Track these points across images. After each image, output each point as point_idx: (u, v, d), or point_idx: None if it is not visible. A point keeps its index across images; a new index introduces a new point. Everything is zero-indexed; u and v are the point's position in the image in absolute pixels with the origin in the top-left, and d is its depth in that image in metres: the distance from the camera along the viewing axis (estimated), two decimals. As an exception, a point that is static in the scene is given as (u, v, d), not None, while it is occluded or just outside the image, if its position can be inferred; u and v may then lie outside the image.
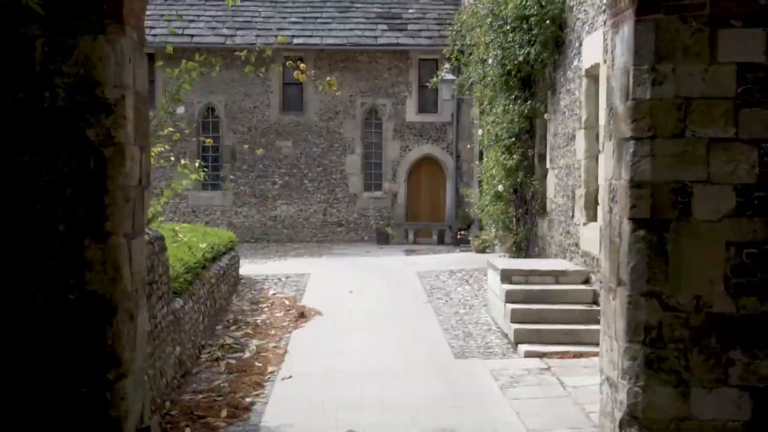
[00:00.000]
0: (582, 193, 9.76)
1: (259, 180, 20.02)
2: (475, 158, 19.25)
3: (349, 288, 12.20)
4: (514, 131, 12.04)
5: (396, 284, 12.65)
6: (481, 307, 10.74)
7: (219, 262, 10.73)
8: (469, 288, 12.04)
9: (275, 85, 19.98)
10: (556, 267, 9.74)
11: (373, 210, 20.22)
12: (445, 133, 20.28)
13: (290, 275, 13.35)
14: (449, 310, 10.56)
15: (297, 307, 10.63)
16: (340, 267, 14.76)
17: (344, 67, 20.01)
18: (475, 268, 13.78)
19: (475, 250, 16.25)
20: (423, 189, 20.64)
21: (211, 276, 9.55)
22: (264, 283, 12.64)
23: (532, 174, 12.36)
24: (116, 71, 4.55)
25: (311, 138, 20.06)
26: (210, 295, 9.28)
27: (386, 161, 20.30)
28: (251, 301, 11.16)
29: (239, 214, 20.02)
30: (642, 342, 4.76)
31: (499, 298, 9.55)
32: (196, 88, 19.35)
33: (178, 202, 19.82)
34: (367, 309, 10.71)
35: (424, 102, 20.46)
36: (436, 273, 13.53)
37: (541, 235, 11.95)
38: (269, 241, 19.97)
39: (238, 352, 8.32)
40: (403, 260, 15.92)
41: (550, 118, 11.33)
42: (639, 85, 4.79)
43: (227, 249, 11.92)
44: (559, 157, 10.93)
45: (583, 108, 9.70)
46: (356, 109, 20.11)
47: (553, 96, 11.19)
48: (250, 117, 19.95)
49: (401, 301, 11.25)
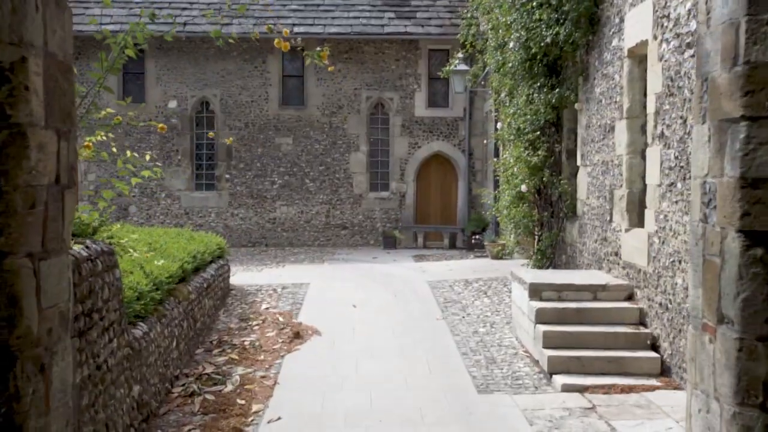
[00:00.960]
0: (623, 193, 8.36)
1: (257, 179, 18.66)
2: (489, 156, 17.85)
3: (352, 301, 10.84)
4: (539, 124, 10.64)
5: (405, 296, 11.27)
6: (504, 324, 9.34)
7: (203, 272, 9.38)
8: (488, 301, 10.64)
9: (274, 77, 18.62)
10: (593, 280, 8.34)
11: (380, 212, 18.84)
12: (456, 128, 18.88)
13: (287, 285, 11.98)
14: (467, 329, 9.17)
15: (292, 325, 9.26)
16: (343, 275, 13.39)
17: (348, 58, 18.64)
18: (493, 277, 12.39)
19: (492, 256, 14.85)
20: (433, 189, 19.25)
21: (190, 291, 8.19)
22: (257, 294, 11.27)
23: (559, 172, 10.97)
24: (12, 22, 3.18)
25: (313, 134, 18.69)
26: (189, 314, 7.91)
27: (393, 159, 18.92)
28: (240, 317, 9.79)
29: (235, 216, 18.66)
30: (761, 407, 3.37)
31: (526, 316, 8.16)
32: (190, 82, 18.07)
33: (170, 203, 18.49)
34: (372, 327, 9.33)
35: (434, 95, 19.06)
36: (450, 283, 12.14)
37: (570, 241, 10.55)
38: (267, 245, 18.61)
39: (219, 385, 6.96)
40: (412, 267, 14.53)
41: (582, 108, 9.92)
42: (755, 43, 3.40)
43: (215, 257, 10.57)
44: (592, 153, 9.52)
45: (625, 94, 8.30)
46: (361, 103, 18.73)
47: (585, 82, 9.79)
48: (247, 112, 18.59)
49: (412, 318, 9.87)
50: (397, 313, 10.10)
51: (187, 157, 18.57)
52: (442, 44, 18.68)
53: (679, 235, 6.79)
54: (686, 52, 6.66)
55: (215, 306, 9.79)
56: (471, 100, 18.66)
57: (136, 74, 18.42)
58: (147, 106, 18.34)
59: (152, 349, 6.15)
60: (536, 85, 10.70)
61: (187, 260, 8.61)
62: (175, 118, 18.45)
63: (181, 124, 18.41)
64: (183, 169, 18.54)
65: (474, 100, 18.77)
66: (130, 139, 18.36)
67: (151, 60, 18.35)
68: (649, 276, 7.55)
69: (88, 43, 18.02)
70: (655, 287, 7.39)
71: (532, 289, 8.11)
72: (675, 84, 6.90)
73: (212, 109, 18.61)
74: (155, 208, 18.49)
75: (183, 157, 18.54)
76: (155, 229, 12.07)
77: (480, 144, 18.81)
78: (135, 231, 11.90)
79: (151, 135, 18.42)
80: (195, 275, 8.96)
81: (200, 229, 17.78)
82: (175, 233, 11.29)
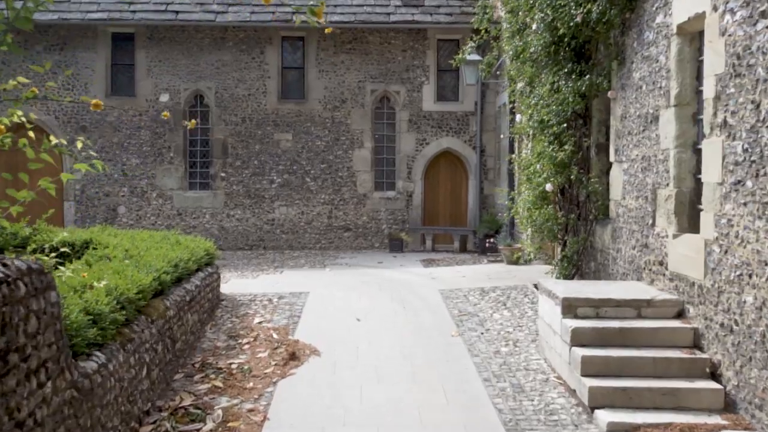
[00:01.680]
0: (670, 193, 7.21)
1: (255, 178, 17.52)
2: (502, 153, 16.71)
3: (356, 313, 9.71)
4: (566, 115, 9.49)
5: (415, 307, 10.12)
6: (529, 343, 8.19)
7: (187, 283, 8.25)
8: (509, 314, 9.49)
9: (273, 69, 17.47)
10: (635, 294, 7.17)
11: (385, 212, 17.69)
12: (467, 124, 17.71)
13: (284, 295, 10.84)
14: (487, 348, 8.02)
15: (287, 343, 8.12)
16: (346, 282, 12.25)
17: (352, 48, 17.49)
18: (511, 285, 11.24)
19: (507, 261, 13.70)
20: (442, 188, 18.10)
21: (168, 306, 7.06)
22: (250, 306, 10.14)
23: (587, 169, 9.82)
24: None
25: (314, 130, 17.54)
26: (165, 334, 6.79)
27: (400, 156, 17.77)
28: (230, 333, 8.65)
29: (231, 217, 17.52)
30: None
31: (558, 336, 7.01)
32: (183, 74, 16.96)
33: (162, 203, 17.36)
34: (379, 345, 8.19)
35: (443, 89, 17.90)
36: (464, 292, 10.99)
37: (600, 247, 9.39)
38: (266, 248, 17.47)
39: (197, 422, 5.83)
40: (421, 273, 13.38)
41: (616, 97, 8.76)
42: None
43: (203, 264, 9.45)
44: (629, 147, 8.36)
45: (673, 78, 7.14)
46: (366, 96, 17.58)
47: (620, 67, 8.63)
48: (244, 106, 17.44)
49: (423, 333, 8.72)
50: (407, 328, 8.96)
51: (180, 155, 17.43)
52: (452, 34, 17.53)
53: (749, 244, 5.63)
54: (759, 23, 5.50)
55: (201, 321, 8.66)
56: (482, 93, 17.51)
57: (126, 66, 17.30)
58: (137, 100, 17.23)
59: (111, 384, 5.01)
60: (562, 72, 9.55)
61: (167, 270, 7.49)
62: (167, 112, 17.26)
63: (174, 118, 17.28)
64: (175, 167, 17.41)
65: (486, 93, 17.62)
66: (118, 135, 17.24)
67: (141, 51, 17.22)
68: (706, 291, 6.39)
69: (74, 32, 16.91)
70: (714, 304, 6.23)
71: (565, 304, 6.95)
72: (743, 62, 5.74)
73: (207, 103, 17.48)
74: (146, 208, 17.36)
75: (175, 155, 17.41)
76: (139, 232, 10.96)
77: (492, 140, 17.65)
78: (117, 234, 10.88)
79: (141, 131, 17.29)
80: (176, 287, 7.83)
81: (194, 231, 16.70)
82: (161, 237, 10.23)
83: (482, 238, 15.81)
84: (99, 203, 17.25)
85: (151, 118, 17.27)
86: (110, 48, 17.21)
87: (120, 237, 10.23)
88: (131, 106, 17.22)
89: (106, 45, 17.12)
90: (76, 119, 17.11)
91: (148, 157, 17.33)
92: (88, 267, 7.11)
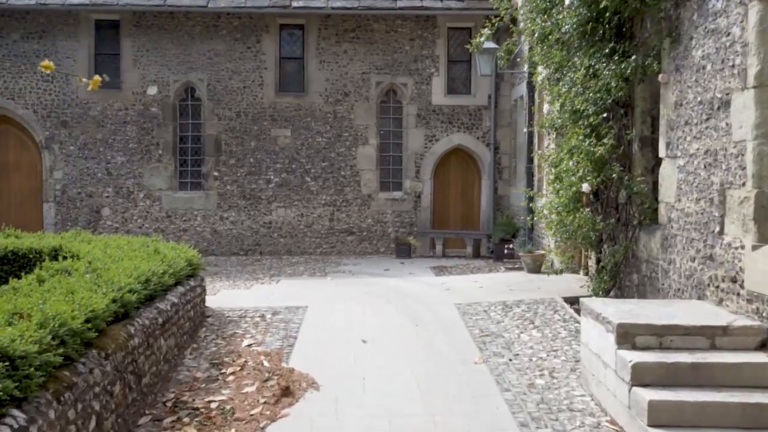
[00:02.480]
0: (747, 195, 5.88)
1: (250, 177, 16.21)
2: (518, 150, 15.42)
3: (361, 332, 8.39)
4: (605, 104, 8.17)
5: (429, 325, 8.80)
6: (569, 373, 6.87)
7: (161, 302, 6.94)
8: (539, 335, 8.16)
9: (270, 59, 16.16)
10: (704, 318, 5.85)
11: (391, 214, 16.37)
12: (479, 119, 16.39)
13: (279, 310, 9.53)
14: (519, 380, 6.70)
15: (281, 374, 6.81)
16: (349, 293, 10.93)
17: (355, 37, 16.17)
18: (537, 299, 9.92)
19: (528, 270, 12.38)
20: (453, 188, 16.79)
21: (132, 333, 5.74)
22: (240, 323, 8.82)
23: (628, 166, 8.49)
24: None
25: (314, 125, 16.23)
26: (126, 370, 5.48)
27: (407, 154, 16.45)
28: (213, 359, 7.33)
29: (225, 220, 16.21)
30: None
31: (611, 371, 5.69)
32: (173, 64, 15.66)
33: (150, 205, 16.06)
34: (389, 376, 6.87)
35: (454, 81, 16.59)
36: (485, 306, 9.67)
37: (646, 257, 8.06)
38: (262, 253, 16.15)
39: (158, 490, 4.51)
40: (432, 282, 12.05)
41: (669, 81, 7.43)
42: None
43: (183, 277, 8.14)
44: (687, 140, 7.04)
45: (753, 54, 5.81)
46: (370, 89, 16.26)
47: (675, 45, 7.29)
48: (238, 99, 16.13)
49: (441, 359, 7.40)
50: (421, 353, 7.63)
51: (170, 152, 16.12)
52: (464, 21, 16.22)
53: None
54: None
55: (179, 345, 7.35)
56: (497, 86, 16.20)
57: (111, 56, 16.00)
58: (123, 93, 15.94)
59: (33, 454, 3.70)
60: (601, 54, 8.23)
61: (133, 287, 6.19)
62: (155, 106, 16.01)
63: (163, 113, 15.99)
64: (164, 166, 16.10)
65: (500, 86, 16.30)
66: (102, 131, 15.94)
67: (127, 39, 15.91)
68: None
69: (54, 18, 15.61)
70: (817, 336, 4.91)
71: (621, 332, 5.63)
72: None
73: (198, 96, 16.17)
74: (132, 210, 16.04)
75: (164, 152, 16.10)
76: (117, 238, 9.73)
77: (507, 136, 16.33)
78: (91, 240, 9.71)
79: (127, 126, 15.98)
80: (147, 307, 6.53)
81: (184, 235, 15.44)
82: (140, 244, 9.03)
83: (498, 243, 14.49)
84: (81, 204, 15.94)
85: (137, 112, 15.97)
86: (93, 36, 15.92)
87: (94, 244, 9.05)
88: (116, 99, 15.92)
89: (88, 33, 15.82)
90: (56, 114, 15.80)
91: (134, 154, 16.03)
92: (38, 284, 5.84)
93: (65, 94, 15.79)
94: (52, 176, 15.80)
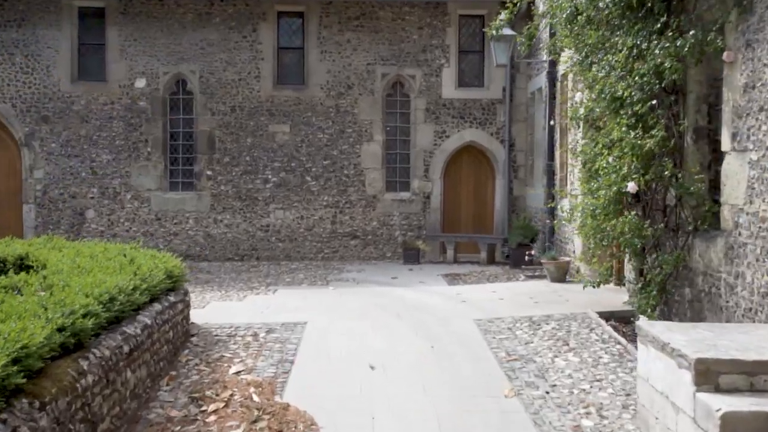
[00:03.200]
0: None
1: (246, 177, 15.04)
2: (536, 146, 14.27)
3: (368, 355, 7.22)
4: (654, 89, 6.99)
5: (446, 347, 7.62)
6: (621, 411, 5.69)
7: (129, 325, 5.77)
8: (576, 359, 6.98)
9: (267, 49, 14.99)
10: (801, 350, 4.66)
11: (398, 217, 15.20)
12: (493, 113, 15.22)
13: (274, 327, 8.36)
14: (562, 421, 5.52)
15: (273, 411, 5.64)
16: (354, 306, 9.76)
17: (359, 25, 15.01)
18: (567, 314, 8.75)
19: (552, 279, 11.20)
20: (464, 188, 15.61)
21: (86, 369, 4.58)
22: (228, 344, 7.66)
23: (679, 162, 7.30)
24: None
25: (315, 121, 15.06)
26: (76, 416, 4.31)
27: (415, 152, 15.28)
28: (193, 391, 6.16)
29: (219, 223, 15.04)
30: None
31: (687, 418, 4.50)
32: (162, 55, 14.50)
33: (138, 206, 14.91)
34: (403, 413, 5.70)
35: (466, 72, 15.44)
36: (508, 323, 8.49)
37: (702, 268, 6.88)
38: (259, 259, 14.99)
39: None
40: (446, 293, 10.87)
41: (736, 59, 6.24)
42: None
43: (160, 293, 6.97)
44: (763, 129, 5.85)
45: None
46: (376, 81, 15.09)
47: (744, 17, 6.10)
48: (233, 93, 14.98)
49: (464, 391, 6.22)
50: (441, 382, 6.45)
51: (159, 149, 14.97)
52: (477, 8, 15.06)
53: None
54: None
55: (154, 374, 6.18)
56: (512, 78, 15.02)
57: (95, 46, 14.86)
58: (108, 86, 14.79)
59: None
60: (648, 32, 7.04)
61: (92, 310, 5.03)
62: (143, 100, 14.85)
63: (152, 107, 14.85)
64: (153, 164, 14.94)
65: (516, 78, 15.12)
66: (87, 127, 14.80)
67: (113, 28, 14.76)
68: None
69: (34, 6, 14.45)
70: None
71: (701, 369, 4.44)
72: None
73: (190, 89, 15.01)
74: (119, 212, 14.88)
75: (154, 149, 14.95)
76: (92, 245, 8.62)
77: (523, 132, 15.16)
78: (63, 247, 8.67)
79: (113, 121, 14.83)
80: (110, 333, 5.36)
81: (175, 239, 14.32)
82: (117, 252, 8.02)
83: (516, 248, 13.29)
84: (64, 206, 14.78)
85: (124, 106, 14.82)
86: (76, 25, 14.79)
87: (65, 251, 8.00)
88: (102, 92, 14.77)
89: (71, 21, 14.67)
90: (36, 108, 14.65)
91: (121, 152, 14.87)
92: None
93: (46, 86, 14.64)
94: (32, 176, 14.64)
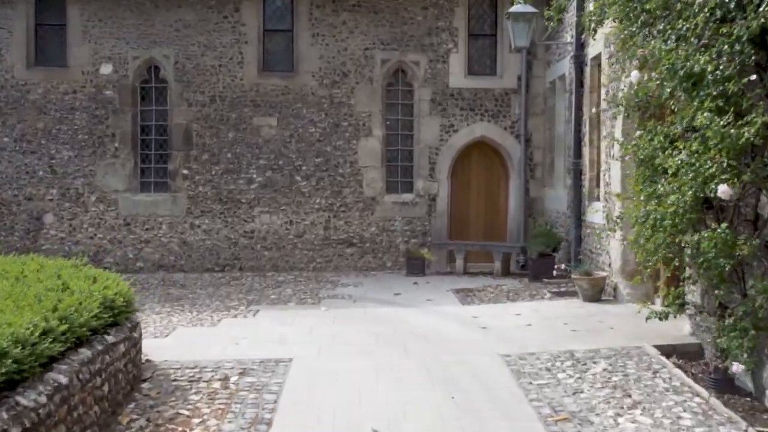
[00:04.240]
0: None
1: (228, 177, 13.28)
2: (557, 142, 12.56)
3: (371, 415, 5.46)
4: (747, 60, 5.25)
5: (473, 398, 5.86)
6: None
7: (28, 392, 4.02)
8: (648, 420, 5.22)
9: (251, 31, 13.24)
10: None
11: (400, 221, 13.44)
12: (507, 105, 13.50)
13: (250, 366, 6.61)
14: None
15: None
16: (351, 338, 8.00)
17: (357, 5, 13.27)
18: (617, 348, 7.03)
19: (585, 298, 9.47)
20: (474, 190, 13.89)
21: None
22: (189, 392, 5.91)
23: None
24: None
25: (306, 113, 13.31)
26: None
27: (420, 148, 13.54)
28: (126, 478, 4.41)
29: (197, 229, 13.26)
30: None
31: None
32: (131, 37, 12.71)
33: (104, 210, 13.15)
34: None
35: (476, 58, 13.70)
36: (545, 361, 6.75)
37: (816, 299, 5.14)
38: (242, 269, 13.23)
39: None
40: (461, 316, 9.12)
41: None
42: None
43: (96, 329, 5.24)
44: None
45: None
46: (375, 68, 13.35)
47: None
48: (213, 80, 13.21)
49: (505, 476, 4.49)
50: (470, 460, 4.71)
51: (128, 145, 13.18)
52: (489, -14, 13.34)
53: None
54: None
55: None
56: (528, 65, 13.31)
57: (55, 27, 13.09)
58: (70, 72, 13.03)
59: None
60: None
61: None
62: (110, 89, 13.08)
63: (120, 97, 13.08)
64: (122, 162, 13.15)
65: (532, 65, 13.42)
66: (45, 119, 13.03)
67: (74, 7, 12.98)
68: None
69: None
70: None
71: None
72: None
73: (164, 76, 13.23)
74: (82, 216, 13.10)
75: (122, 145, 13.16)
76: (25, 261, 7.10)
77: (541, 126, 13.47)
78: None
79: (75, 113, 13.05)
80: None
81: (146, 247, 12.61)
82: (53, 270, 6.38)
83: (536, 259, 11.56)
84: (18, 210, 13.00)
85: (88, 96, 13.04)
86: (33, 3, 13.03)
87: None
88: (62, 79, 13.00)
89: None
90: (-13, 98, 12.90)
91: (84, 148, 13.10)
92: None
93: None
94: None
